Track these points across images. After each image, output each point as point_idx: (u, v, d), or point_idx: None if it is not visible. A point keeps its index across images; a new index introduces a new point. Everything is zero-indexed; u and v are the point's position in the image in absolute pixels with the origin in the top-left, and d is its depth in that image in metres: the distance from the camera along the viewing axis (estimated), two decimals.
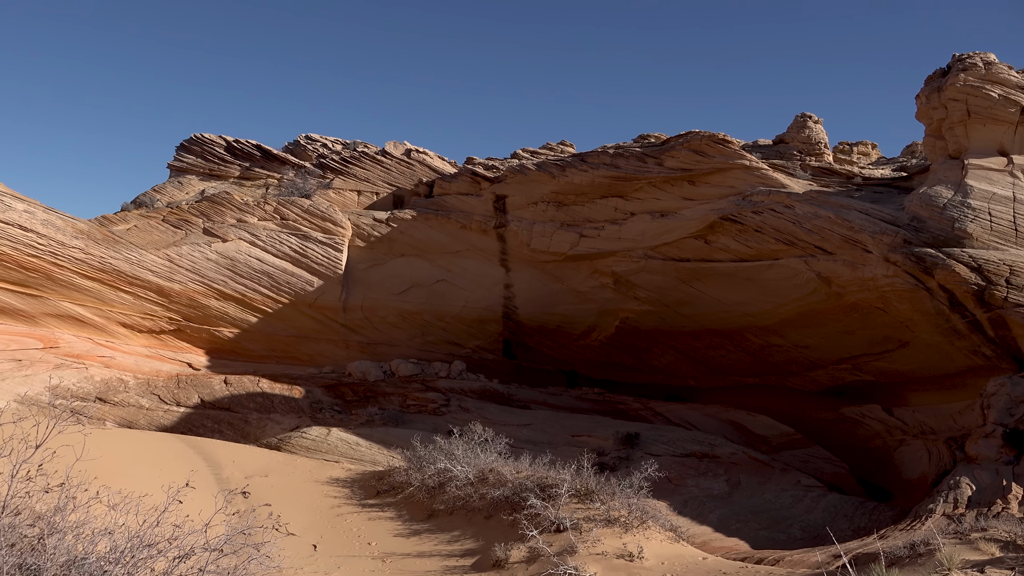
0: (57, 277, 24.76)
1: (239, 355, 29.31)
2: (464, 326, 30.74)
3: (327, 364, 30.11)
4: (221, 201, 28.75)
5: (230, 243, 27.89)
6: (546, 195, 28.67)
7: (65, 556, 5.40)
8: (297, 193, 30.41)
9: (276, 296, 28.43)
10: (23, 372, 24.42)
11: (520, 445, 20.75)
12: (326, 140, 34.78)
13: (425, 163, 32.22)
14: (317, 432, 22.53)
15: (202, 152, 33.49)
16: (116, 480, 8.80)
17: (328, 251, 28.61)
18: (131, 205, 29.54)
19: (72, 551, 5.51)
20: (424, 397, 27.80)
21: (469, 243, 29.78)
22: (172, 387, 26.57)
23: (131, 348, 27.58)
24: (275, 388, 27.31)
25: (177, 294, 27.19)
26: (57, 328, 25.99)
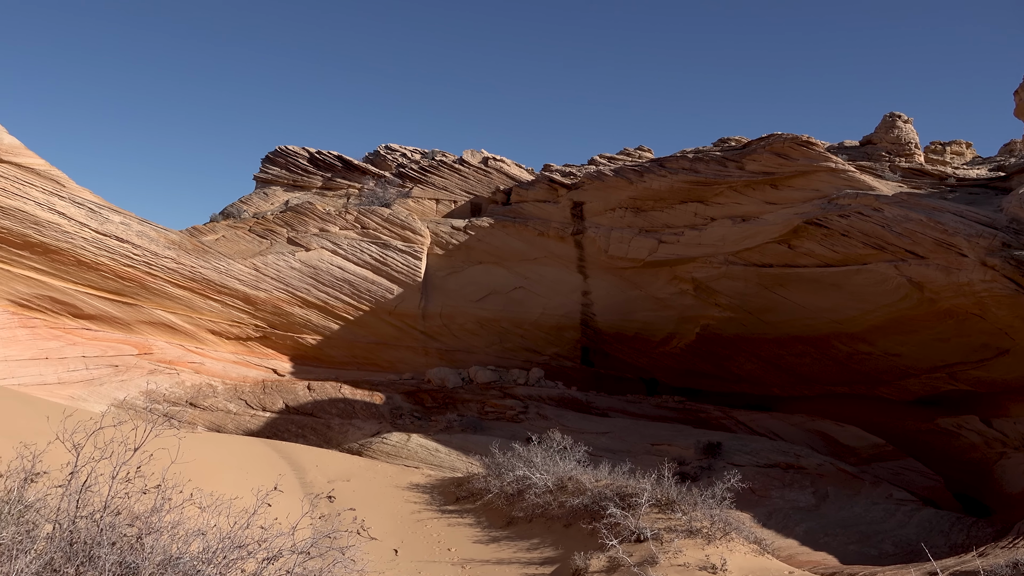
0: (151, 286, 25.77)
1: (322, 361, 29.95)
2: (542, 333, 30.73)
3: (407, 370, 30.51)
4: (304, 211, 29.50)
5: (313, 252, 28.56)
6: (624, 201, 28.45)
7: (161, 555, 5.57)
8: (377, 202, 30.96)
9: (357, 304, 28.97)
10: (119, 377, 25.48)
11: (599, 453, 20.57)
12: (405, 150, 35.35)
13: (502, 171, 32.39)
14: (397, 438, 22.80)
15: (286, 164, 34.48)
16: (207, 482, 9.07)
17: (407, 259, 29.02)
18: (219, 216, 30.58)
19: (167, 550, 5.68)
20: (502, 404, 27.86)
21: (546, 250, 29.78)
22: (258, 392, 27.31)
23: (219, 354, 28.48)
24: (356, 394, 27.80)
25: (262, 302, 27.97)
26: (151, 335, 27.04)
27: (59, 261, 23.69)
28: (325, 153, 34.50)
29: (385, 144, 35.79)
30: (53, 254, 23.37)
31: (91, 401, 23.65)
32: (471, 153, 33.33)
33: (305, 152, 34.67)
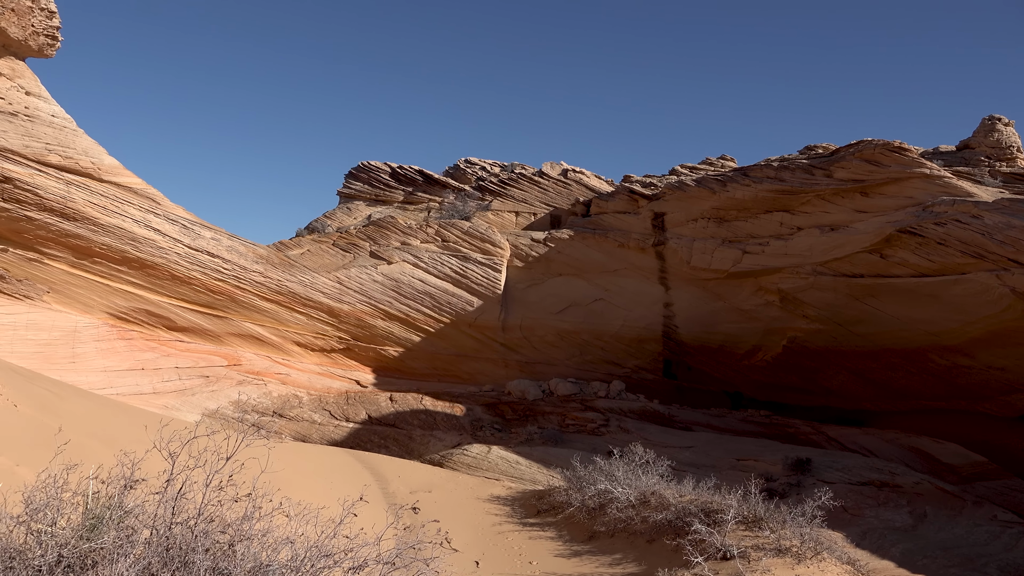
0: (240, 299, 26.58)
1: (403, 373, 30.32)
2: (622, 345, 30.43)
3: (487, 382, 30.62)
4: (386, 225, 30.01)
5: (395, 265, 29.00)
6: (706, 211, 27.98)
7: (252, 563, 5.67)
8: (457, 215, 31.26)
9: (438, 316, 29.25)
10: (210, 388, 26.32)
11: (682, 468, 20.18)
12: (484, 163, 35.64)
13: (581, 182, 32.30)
14: (478, 450, 22.85)
15: (368, 179, 35.19)
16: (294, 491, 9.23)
17: (487, 271, 29.17)
18: (304, 231, 31.37)
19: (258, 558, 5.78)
20: (583, 417, 27.66)
21: (627, 261, 29.51)
22: (342, 403, 27.80)
23: (304, 366, 29.15)
24: (437, 406, 28.03)
25: (346, 314, 28.53)
26: (239, 347, 27.87)
27: (154, 276, 24.66)
28: (406, 168, 35.08)
29: (465, 158, 36.21)
30: (149, 269, 24.35)
31: (184, 411, 24.49)
32: (550, 165, 33.36)
33: (387, 167, 35.33)
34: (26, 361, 21.60)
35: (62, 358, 23.17)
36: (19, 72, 21.35)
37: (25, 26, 20.87)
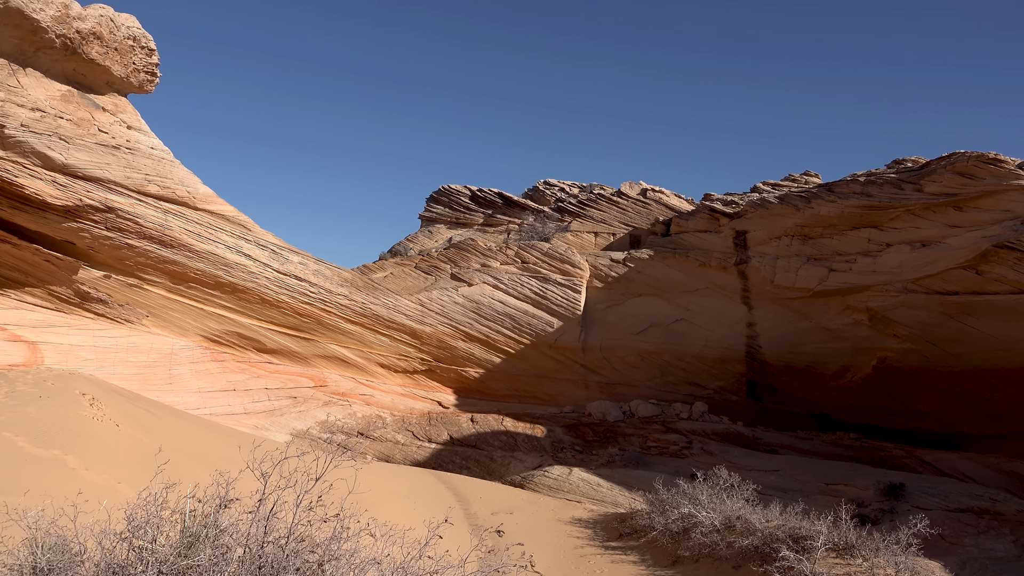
0: (326, 322, 27.29)
1: (484, 394, 30.54)
2: (705, 366, 29.96)
3: (567, 403, 30.56)
4: (466, 247, 30.41)
5: (475, 287, 29.32)
6: (790, 229, 27.40)
7: None
8: (536, 237, 31.44)
9: (518, 337, 29.40)
10: (298, 408, 27.03)
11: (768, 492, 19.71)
12: (563, 184, 35.80)
13: (661, 201, 32.09)
14: (559, 471, 22.79)
15: (449, 202, 35.78)
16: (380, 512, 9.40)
17: (567, 292, 29.20)
18: (387, 254, 32.07)
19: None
20: (664, 439, 27.30)
21: (708, 281, 29.11)
22: (424, 424, 28.16)
23: (388, 387, 29.67)
24: (518, 427, 28.11)
25: (428, 336, 28.95)
26: (325, 368, 28.58)
27: (245, 299, 25.56)
28: (486, 191, 35.54)
29: (543, 179, 36.47)
30: (240, 293, 25.25)
31: (273, 430, 25.21)
32: (629, 185, 33.27)
33: (467, 190, 35.87)
34: (127, 382, 22.65)
35: (159, 379, 24.20)
36: (121, 107, 22.56)
37: (127, 64, 22.07)
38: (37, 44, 19.03)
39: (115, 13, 21.54)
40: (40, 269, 21.69)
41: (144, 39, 22.54)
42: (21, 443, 11.51)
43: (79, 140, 20.41)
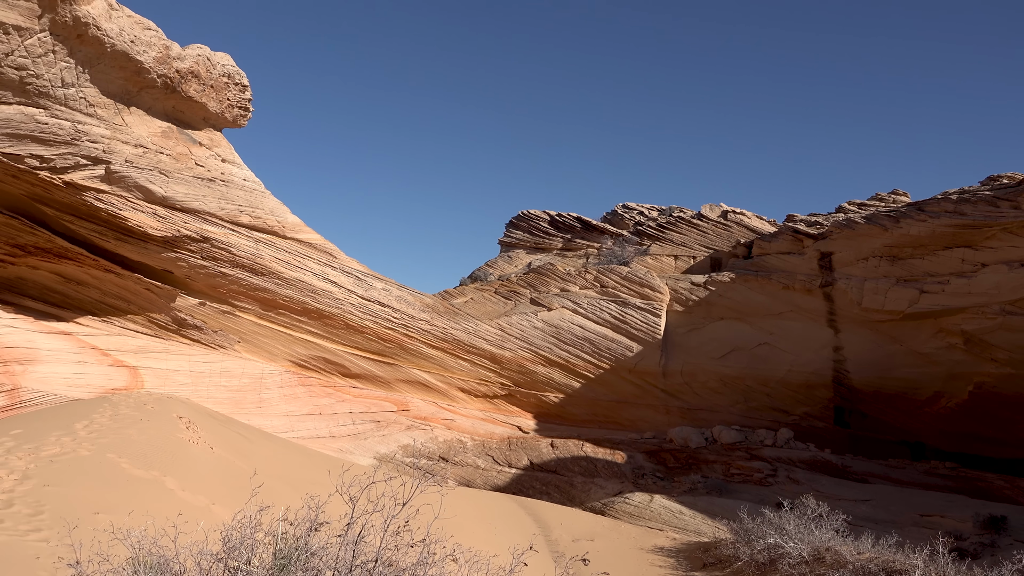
0: (408, 347, 27.79)
1: (564, 419, 30.50)
2: (789, 391, 29.25)
3: (647, 429, 30.25)
4: (546, 272, 30.56)
5: (554, 312, 29.41)
6: (878, 249, 26.62)
7: None
8: (615, 261, 31.38)
9: (597, 362, 29.31)
10: (381, 432, 27.54)
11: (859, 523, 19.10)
12: (642, 207, 35.68)
13: (742, 223, 31.64)
14: (640, 498, 22.58)
15: (528, 227, 36.07)
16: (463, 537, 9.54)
17: (647, 316, 29.01)
18: (468, 279, 32.50)
19: None
20: (748, 466, 26.73)
21: (792, 304, 28.49)
22: (504, 449, 28.29)
23: (468, 411, 29.94)
24: (598, 452, 27.97)
25: (508, 361, 29.15)
26: (407, 392, 29.05)
27: (331, 325, 26.27)
28: (564, 215, 35.71)
29: (622, 203, 36.42)
30: (326, 319, 25.97)
31: (357, 454, 25.73)
32: (709, 207, 32.93)
33: (546, 215, 36.12)
34: (219, 406, 23.53)
35: (250, 403, 25.03)
36: (216, 142, 23.61)
37: (222, 100, 23.13)
38: (140, 84, 20.13)
39: (211, 52, 22.63)
40: (141, 297, 22.79)
41: (238, 76, 23.59)
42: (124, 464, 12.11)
43: (177, 174, 21.44)
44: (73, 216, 20.12)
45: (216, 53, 22.93)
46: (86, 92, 18.23)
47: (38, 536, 8.70)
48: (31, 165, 17.79)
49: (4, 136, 16.83)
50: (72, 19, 16.29)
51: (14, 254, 20.10)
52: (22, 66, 15.82)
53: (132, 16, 19.27)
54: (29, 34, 15.52)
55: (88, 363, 21.49)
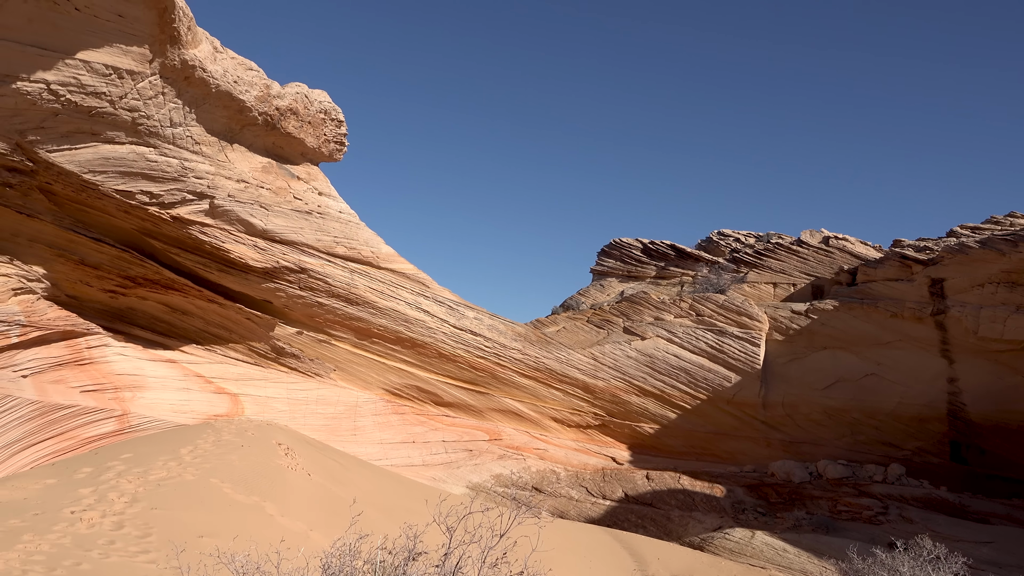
0: (500, 376, 27.70)
1: (659, 450, 29.76)
2: (900, 425, 27.76)
3: (747, 462, 29.20)
4: (639, 300, 30.07)
5: (648, 340, 28.85)
6: (995, 275, 25.12)
7: None
8: (711, 289, 30.63)
9: (693, 392, 28.54)
10: (473, 461, 27.44)
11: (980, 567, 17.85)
12: (738, 234, 34.82)
13: (845, 249, 30.44)
14: (741, 534, 21.71)
15: (620, 256, 35.66)
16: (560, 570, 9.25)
17: (745, 346, 28.13)
18: (560, 308, 32.27)
19: None
20: (857, 503, 25.42)
21: (901, 333, 27.13)
22: (598, 480, 27.76)
23: (561, 441, 29.56)
24: (695, 486, 27.13)
25: (601, 390, 28.70)
26: (500, 422, 28.91)
27: (424, 354, 26.45)
28: (658, 243, 35.17)
29: (717, 230, 35.64)
30: (419, 348, 26.17)
31: (449, 483, 25.69)
32: (809, 233, 31.85)
33: (638, 243, 35.65)
34: (315, 432, 23.90)
35: (345, 430, 25.36)
36: (313, 175, 24.26)
37: (319, 135, 23.79)
38: (243, 122, 20.89)
39: (309, 90, 23.36)
40: (242, 326, 23.46)
41: (334, 112, 24.25)
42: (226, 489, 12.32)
43: (277, 207, 22.08)
44: (179, 249, 20.91)
45: (313, 91, 23.65)
46: (192, 131, 19.00)
47: (147, 558, 8.87)
48: (141, 201, 18.60)
49: (117, 174, 17.65)
50: (180, 62, 17.03)
51: (125, 285, 21.00)
52: (134, 108, 16.59)
53: (235, 58, 20.07)
54: (141, 77, 16.27)
55: (192, 390, 22.20)
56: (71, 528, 9.47)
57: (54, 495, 11.23)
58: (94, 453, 16.02)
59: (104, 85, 15.54)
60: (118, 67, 15.59)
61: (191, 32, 17.07)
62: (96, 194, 17.80)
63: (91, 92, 15.40)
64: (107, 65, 15.33)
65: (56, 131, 15.81)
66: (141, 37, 15.60)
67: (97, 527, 9.65)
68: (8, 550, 8.43)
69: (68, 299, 20.35)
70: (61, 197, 18.04)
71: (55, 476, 12.82)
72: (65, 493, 11.33)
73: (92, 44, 14.87)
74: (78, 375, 19.80)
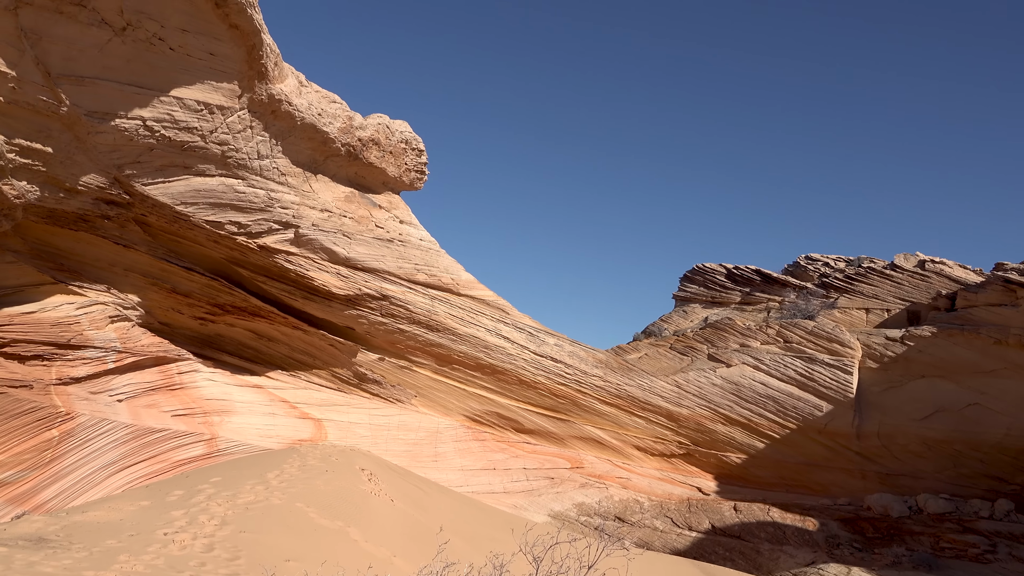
0: (581, 403, 27.33)
1: (747, 481, 28.79)
2: (1008, 458, 26.15)
3: (841, 495, 27.96)
4: (723, 327, 29.33)
5: (734, 368, 28.07)
6: None
7: None
8: (799, 315, 29.67)
9: (782, 421, 27.58)
10: (555, 489, 27.06)
11: None
12: (827, 259, 33.72)
13: (943, 273, 29.10)
14: (836, 570, 20.69)
15: (704, 281, 34.96)
16: None
17: (836, 373, 27.07)
18: (641, 335, 31.75)
19: None
20: (961, 540, 23.99)
21: (1006, 360, 25.66)
22: (683, 511, 26.99)
23: (644, 470, 28.90)
24: (786, 518, 26.10)
25: (685, 419, 28.00)
26: (581, 449, 28.48)
27: (504, 380, 26.32)
28: (742, 268, 34.37)
29: (805, 255, 34.58)
30: (499, 374, 26.06)
31: (531, 511, 25.36)
32: (904, 257, 30.58)
33: (722, 268, 34.90)
34: (397, 458, 23.97)
35: (426, 456, 25.37)
36: (394, 204, 24.58)
37: (400, 165, 24.13)
38: (326, 153, 21.35)
39: (390, 120, 23.75)
40: (325, 353, 23.80)
41: (415, 141, 24.58)
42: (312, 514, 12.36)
43: (359, 235, 22.42)
44: (265, 277, 21.40)
45: (395, 121, 24.03)
46: (278, 162, 19.49)
47: None
48: (230, 231, 19.12)
49: (208, 205, 18.20)
50: (267, 97, 17.52)
51: (214, 312, 21.58)
52: (224, 141, 17.11)
53: (319, 91, 20.57)
54: (230, 112, 16.79)
55: (277, 415, 22.58)
56: (164, 549, 9.62)
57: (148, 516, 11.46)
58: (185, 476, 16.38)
59: (196, 120, 16.08)
60: (209, 103, 16.12)
61: (278, 67, 17.55)
62: (187, 225, 18.38)
63: (184, 127, 15.95)
64: (199, 101, 15.87)
65: (151, 165, 16.40)
66: (231, 74, 16.12)
67: (189, 549, 9.77)
68: (106, 570, 8.59)
69: (161, 326, 21.03)
70: (155, 228, 18.69)
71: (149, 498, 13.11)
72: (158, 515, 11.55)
73: (185, 82, 15.42)
74: (169, 400, 20.38)
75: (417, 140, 24.83)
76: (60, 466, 16.99)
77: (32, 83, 13.19)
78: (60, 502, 16.93)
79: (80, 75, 13.84)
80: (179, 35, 14.56)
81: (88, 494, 17.47)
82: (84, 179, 15.75)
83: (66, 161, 15.05)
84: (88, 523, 10.95)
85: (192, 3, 14.22)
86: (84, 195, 16.22)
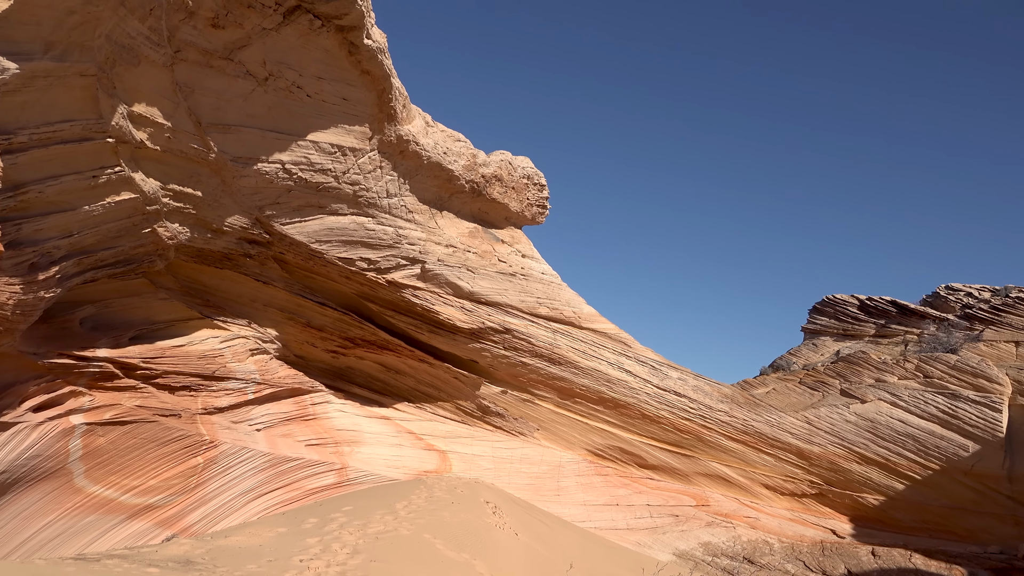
0: (706, 438, 26.68)
1: (885, 524, 27.24)
2: None
3: (991, 542, 26.01)
4: (857, 361, 28.07)
5: (869, 404, 26.77)
6: None
7: None
8: (940, 348, 28.06)
9: (923, 461, 26.02)
10: (680, 527, 26.41)
11: None
12: (971, 289, 31.86)
13: None
14: None
15: (835, 313, 33.66)
16: None
17: (983, 411, 25.37)
18: (768, 369, 30.80)
19: None
20: None
21: None
22: (816, 554, 25.79)
23: (774, 510, 27.83)
24: (930, 565, 24.51)
25: (816, 457, 26.85)
26: (706, 487, 27.73)
27: (626, 415, 26.04)
28: (876, 299, 32.90)
29: (945, 285, 32.78)
30: (621, 408, 25.81)
31: (655, 549, 24.84)
32: None
33: (854, 300, 33.53)
34: (519, 492, 24.05)
35: (548, 490, 25.32)
36: (517, 239, 24.96)
37: (522, 200, 24.52)
38: (451, 190, 21.97)
39: (512, 156, 24.23)
40: (449, 385, 24.28)
41: (536, 177, 24.95)
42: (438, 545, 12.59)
43: (482, 270, 22.86)
44: (393, 311, 22.11)
45: (517, 157, 24.49)
46: (406, 200, 20.20)
47: None
48: (360, 267, 19.90)
49: (340, 243, 19.04)
50: (396, 138, 18.26)
51: (345, 346, 22.43)
52: (355, 181, 17.90)
53: (445, 130, 21.24)
54: (362, 154, 17.58)
55: (404, 446, 23.13)
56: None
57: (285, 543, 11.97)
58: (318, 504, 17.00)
59: (330, 162, 16.91)
60: (342, 145, 16.94)
61: (406, 109, 18.28)
62: (321, 262, 19.26)
63: (319, 169, 16.80)
64: (332, 144, 16.70)
65: (288, 206, 17.33)
66: (362, 117, 16.91)
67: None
68: None
69: (296, 359, 22.03)
70: (291, 265, 19.67)
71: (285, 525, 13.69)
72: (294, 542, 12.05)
73: (320, 126, 16.29)
74: (303, 430, 21.25)
75: (539, 175, 25.19)
76: (204, 491, 17.98)
77: (185, 132, 14.23)
78: (204, 526, 17.90)
79: (227, 123, 14.84)
80: (315, 82, 15.41)
81: (229, 519, 18.40)
82: (229, 220, 16.80)
83: (213, 204, 16.11)
84: (230, 547, 11.53)
85: (328, 52, 15.05)
86: (229, 235, 17.29)
